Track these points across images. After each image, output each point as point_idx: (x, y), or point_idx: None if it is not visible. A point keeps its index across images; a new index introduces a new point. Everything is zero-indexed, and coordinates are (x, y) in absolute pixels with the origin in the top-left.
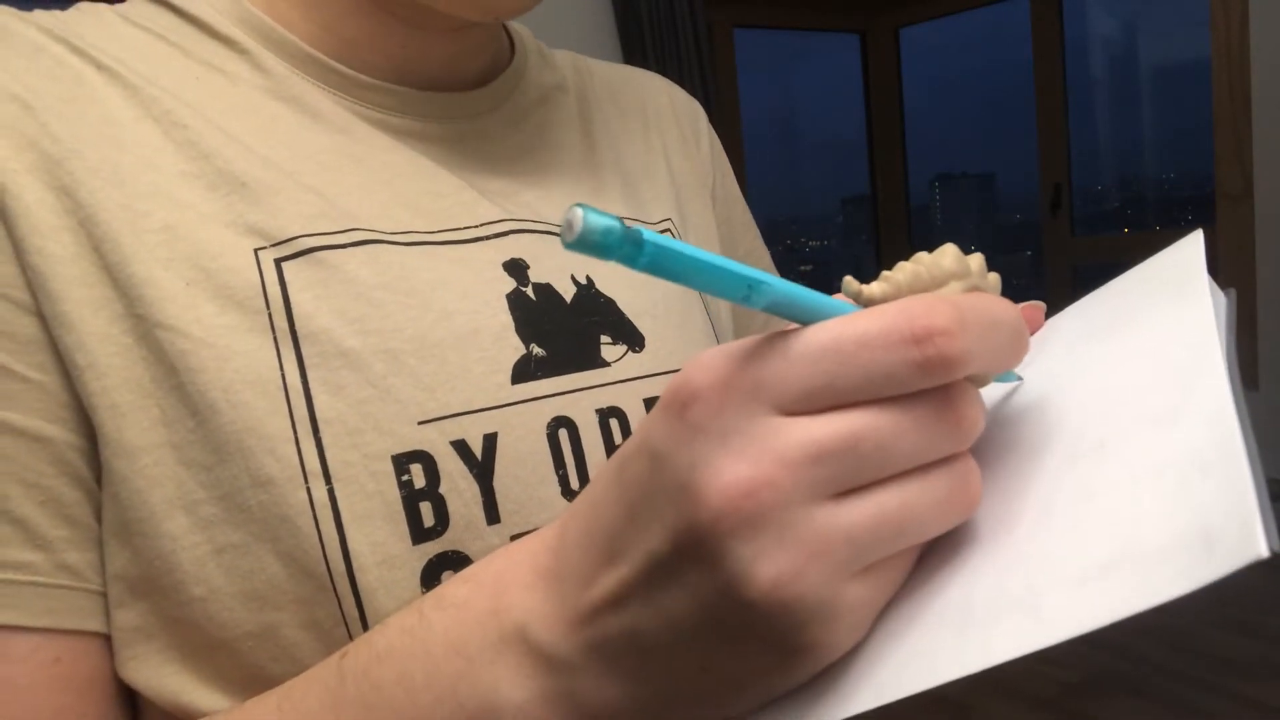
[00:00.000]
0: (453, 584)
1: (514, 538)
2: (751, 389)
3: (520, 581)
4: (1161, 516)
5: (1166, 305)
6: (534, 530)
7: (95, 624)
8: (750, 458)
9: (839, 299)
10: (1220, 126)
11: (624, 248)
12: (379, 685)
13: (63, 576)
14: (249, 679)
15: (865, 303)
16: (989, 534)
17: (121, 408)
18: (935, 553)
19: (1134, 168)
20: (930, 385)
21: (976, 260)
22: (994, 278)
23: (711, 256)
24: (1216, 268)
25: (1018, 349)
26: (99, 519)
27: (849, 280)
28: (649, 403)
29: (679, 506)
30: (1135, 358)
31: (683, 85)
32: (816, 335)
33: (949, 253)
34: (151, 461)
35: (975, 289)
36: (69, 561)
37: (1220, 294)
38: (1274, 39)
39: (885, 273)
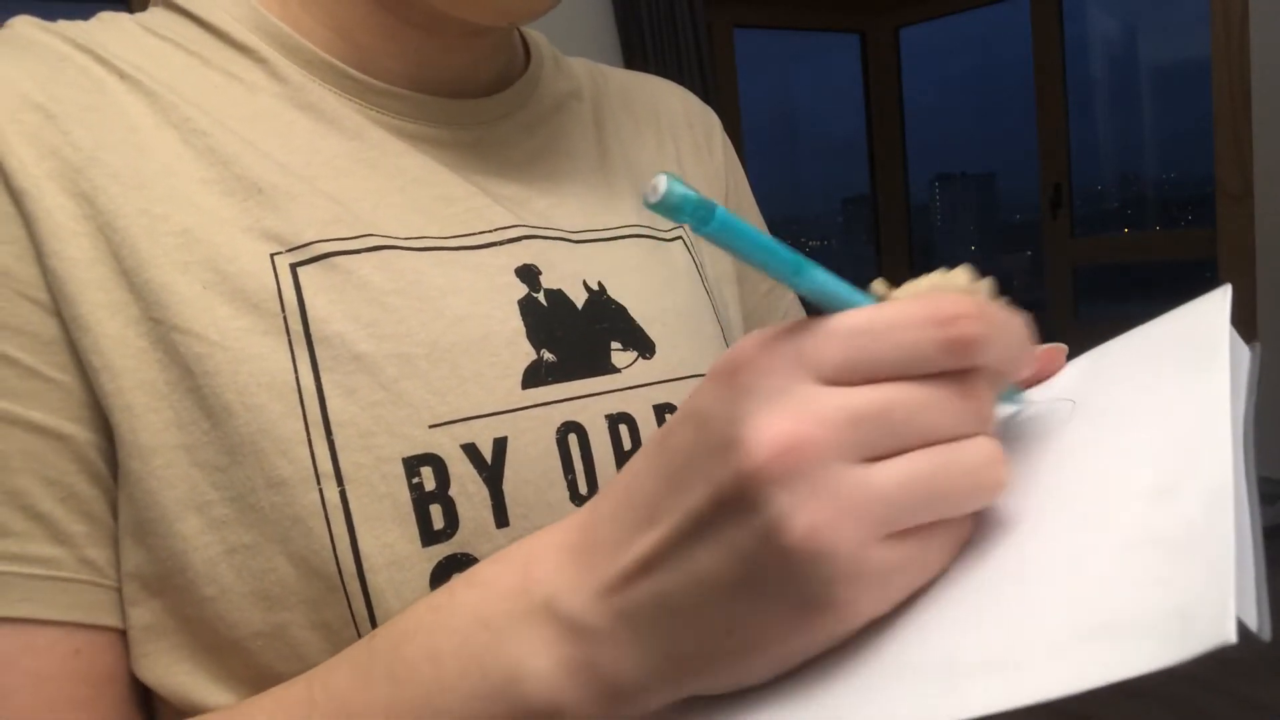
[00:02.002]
0: (485, 564)
1: None
2: (795, 358)
3: (549, 559)
4: (1146, 591)
5: (1183, 371)
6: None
7: (113, 619)
8: (793, 415)
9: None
10: (1220, 126)
11: (699, 212)
12: (407, 660)
13: (84, 571)
14: (259, 678)
15: None
16: (984, 589)
17: (135, 409)
18: (928, 603)
19: (1134, 168)
20: (954, 365)
21: (986, 283)
22: (1001, 302)
23: (768, 239)
24: (1217, 268)
25: (1027, 350)
26: (115, 517)
27: (877, 283)
28: (659, 409)
29: (725, 458)
30: (1144, 426)
31: (683, 85)
32: (854, 316)
33: (963, 272)
34: (164, 463)
35: None
36: (90, 557)
37: (1244, 348)
38: (1274, 39)
39: (907, 283)
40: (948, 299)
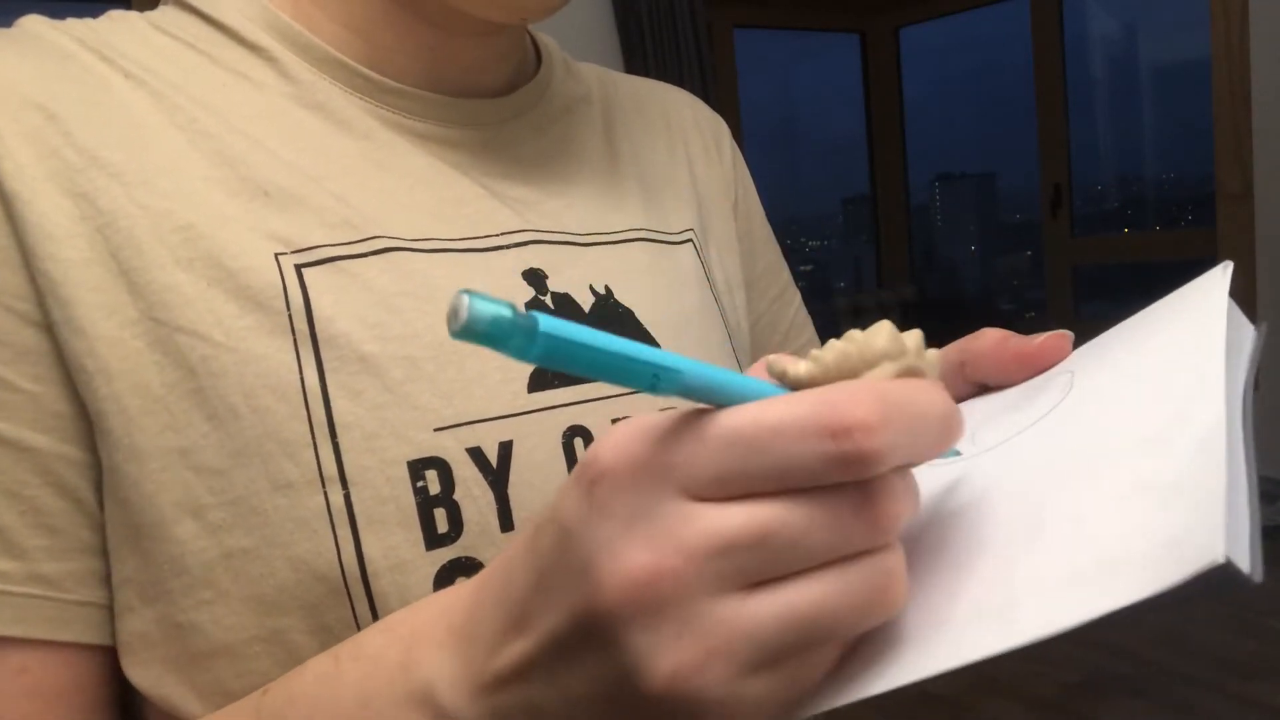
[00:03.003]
0: (371, 632)
1: None
2: (661, 470)
3: (433, 638)
4: (1137, 531)
5: (1179, 337)
6: None
7: (68, 634)
8: (654, 544)
9: (764, 380)
10: (1220, 126)
11: (515, 338)
12: None
13: (35, 586)
14: (249, 689)
15: (791, 385)
16: (980, 549)
17: (130, 412)
18: (927, 566)
19: (1134, 168)
20: (847, 480)
21: (913, 338)
22: (932, 356)
23: (615, 342)
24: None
25: (945, 441)
26: (95, 529)
27: (775, 359)
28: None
29: (580, 588)
30: (1140, 387)
31: (683, 85)
32: (731, 419)
33: (883, 331)
34: (159, 466)
35: (910, 370)
36: (44, 572)
37: (1248, 325)
38: (1274, 39)
39: (815, 351)
40: (844, 399)
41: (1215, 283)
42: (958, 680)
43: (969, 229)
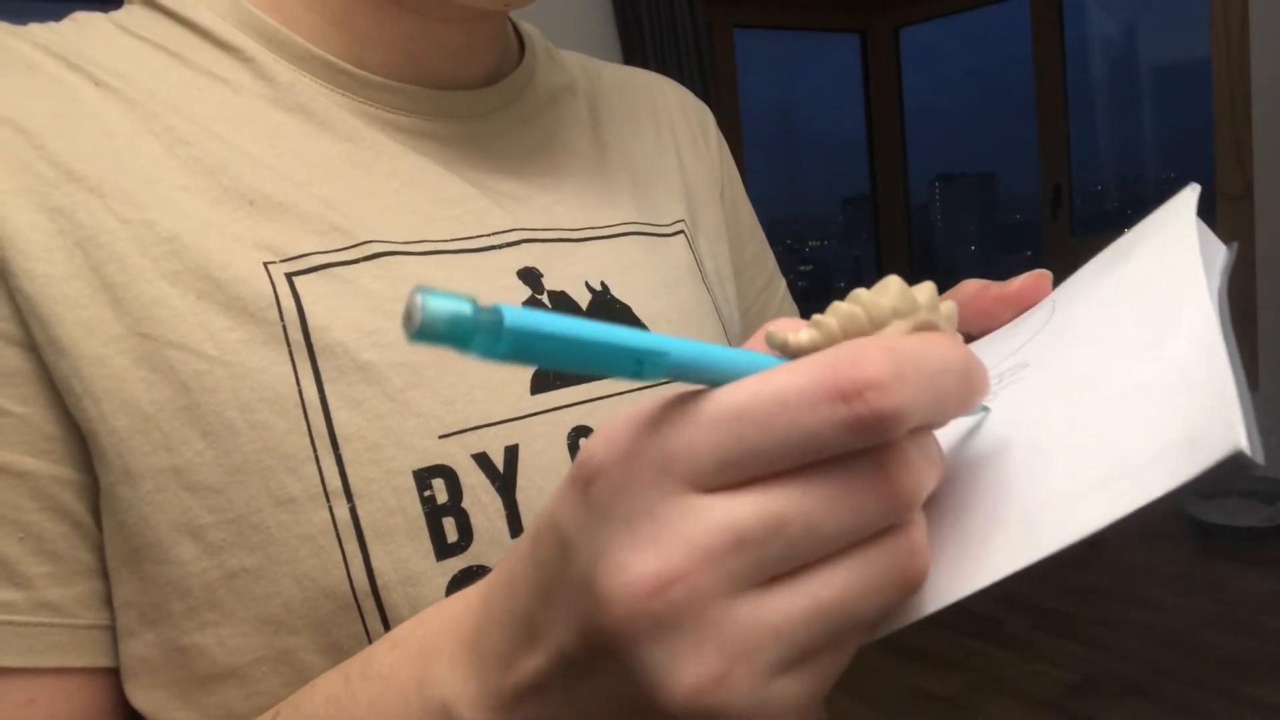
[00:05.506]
0: (380, 647)
1: None
2: (659, 462)
3: (445, 653)
4: (1146, 429)
5: (1152, 248)
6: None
7: (79, 659)
8: (659, 547)
9: (765, 353)
10: (1220, 126)
11: (478, 336)
12: None
13: (42, 614)
14: (257, 711)
15: (793, 354)
16: (982, 475)
17: (120, 433)
18: (945, 502)
19: (1134, 168)
20: (864, 446)
21: (925, 292)
22: (948, 308)
23: (590, 329)
24: None
25: (969, 395)
26: (95, 550)
27: (773, 330)
28: None
29: (584, 604)
30: (1121, 297)
31: (682, 85)
32: (730, 396)
33: (891, 287)
34: (153, 487)
35: (924, 325)
36: (49, 598)
37: (1221, 245)
38: (1274, 39)
39: (817, 316)
40: (850, 358)
41: (1183, 201)
42: (958, 680)
43: (969, 229)
